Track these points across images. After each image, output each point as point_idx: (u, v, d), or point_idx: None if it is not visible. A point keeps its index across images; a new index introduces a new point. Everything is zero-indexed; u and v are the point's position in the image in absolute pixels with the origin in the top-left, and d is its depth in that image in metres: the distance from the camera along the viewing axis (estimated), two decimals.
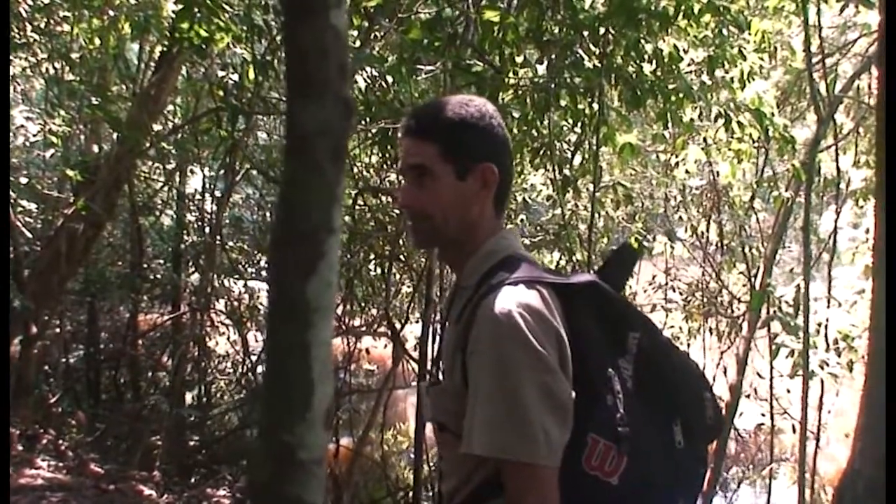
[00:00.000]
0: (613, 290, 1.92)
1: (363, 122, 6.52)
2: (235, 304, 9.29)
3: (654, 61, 5.60)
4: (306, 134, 0.85)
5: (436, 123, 1.90)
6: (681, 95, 5.70)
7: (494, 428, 1.67)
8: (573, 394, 1.71)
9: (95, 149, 8.59)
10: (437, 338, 4.72)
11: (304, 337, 0.86)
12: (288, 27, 0.85)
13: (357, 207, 7.54)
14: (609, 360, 1.82)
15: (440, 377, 2.02)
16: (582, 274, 1.99)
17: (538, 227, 7.79)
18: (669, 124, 6.24)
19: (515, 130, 5.85)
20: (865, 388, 2.48)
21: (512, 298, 1.72)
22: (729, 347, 9.59)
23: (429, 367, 5.81)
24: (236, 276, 9.34)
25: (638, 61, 5.48)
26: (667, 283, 10.94)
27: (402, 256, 7.67)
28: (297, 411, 0.86)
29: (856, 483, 2.36)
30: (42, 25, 7.69)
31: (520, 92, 5.59)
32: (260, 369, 8.85)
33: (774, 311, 7.01)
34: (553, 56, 5.36)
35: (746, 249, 9.16)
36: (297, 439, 0.86)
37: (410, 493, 7.31)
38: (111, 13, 7.23)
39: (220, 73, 6.60)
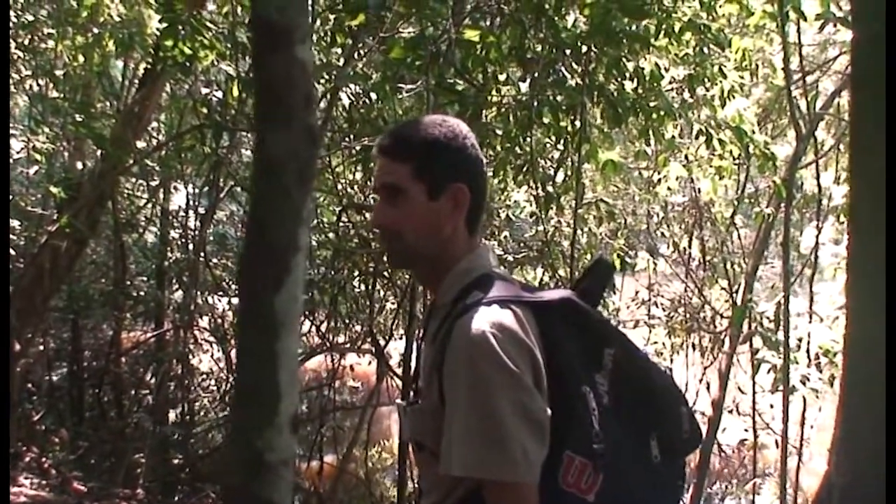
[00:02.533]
0: (589, 306, 1.93)
1: (347, 139, 6.54)
2: (219, 321, 9.26)
3: (635, 79, 5.66)
4: (274, 159, 0.89)
5: (409, 143, 1.91)
6: (662, 113, 5.75)
7: (473, 448, 1.68)
8: (549, 411, 1.72)
9: (79, 166, 8.57)
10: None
11: (272, 348, 0.89)
12: (257, 60, 0.90)
13: (341, 224, 7.55)
14: (584, 377, 1.83)
15: (417, 396, 2.03)
16: (556, 290, 1.99)
17: (521, 244, 7.80)
18: (651, 141, 6.29)
19: (499, 147, 5.89)
20: (840, 402, 2.52)
21: (486, 319, 1.73)
22: (712, 363, 9.63)
23: (412, 384, 5.81)
24: (220, 294, 9.30)
25: (619, 79, 5.53)
26: (650, 299, 11.00)
27: (386, 273, 7.67)
28: (265, 417, 0.91)
29: (832, 495, 2.39)
30: (26, 42, 7.69)
31: (503, 109, 5.63)
32: None
33: (755, 327, 7.05)
34: (536, 74, 5.40)
35: (728, 265, 9.22)
36: (266, 443, 0.91)
37: None
38: (95, 30, 7.24)
39: (205, 91, 6.61)
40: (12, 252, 8.02)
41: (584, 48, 5.29)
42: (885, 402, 2.31)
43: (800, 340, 6.90)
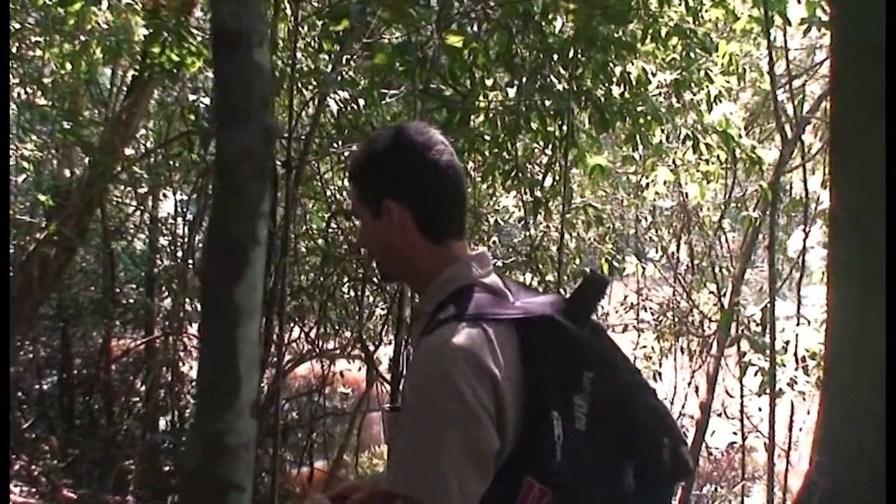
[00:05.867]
0: (576, 323, 1.84)
1: (335, 146, 6.55)
2: None
3: (622, 84, 5.69)
4: (232, 157, 0.94)
5: (354, 166, 1.97)
6: (649, 118, 5.78)
7: (406, 466, 1.67)
8: (497, 444, 1.68)
9: (67, 173, 8.57)
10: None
11: (232, 336, 0.94)
12: (215, 63, 0.95)
13: (330, 230, 7.55)
14: (559, 400, 1.76)
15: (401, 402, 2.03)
16: (541, 302, 1.88)
17: (510, 249, 7.82)
18: (639, 146, 6.32)
19: (487, 153, 5.91)
20: (821, 403, 2.55)
21: (449, 341, 1.69)
22: (700, 366, 9.65)
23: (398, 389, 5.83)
24: None
25: (606, 84, 5.56)
26: (638, 304, 11.02)
27: (375, 279, 7.68)
28: (226, 401, 0.96)
29: (812, 494, 2.42)
30: (13, 50, 7.68)
31: (490, 115, 5.65)
32: None
33: (742, 330, 7.08)
34: (523, 79, 5.42)
35: (716, 269, 9.25)
36: (226, 426, 0.95)
37: None
38: (83, 38, 7.24)
39: (192, 97, 6.61)
40: None
41: (572, 53, 5.31)
42: (864, 404, 2.34)
43: (786, 343, 6.93)
